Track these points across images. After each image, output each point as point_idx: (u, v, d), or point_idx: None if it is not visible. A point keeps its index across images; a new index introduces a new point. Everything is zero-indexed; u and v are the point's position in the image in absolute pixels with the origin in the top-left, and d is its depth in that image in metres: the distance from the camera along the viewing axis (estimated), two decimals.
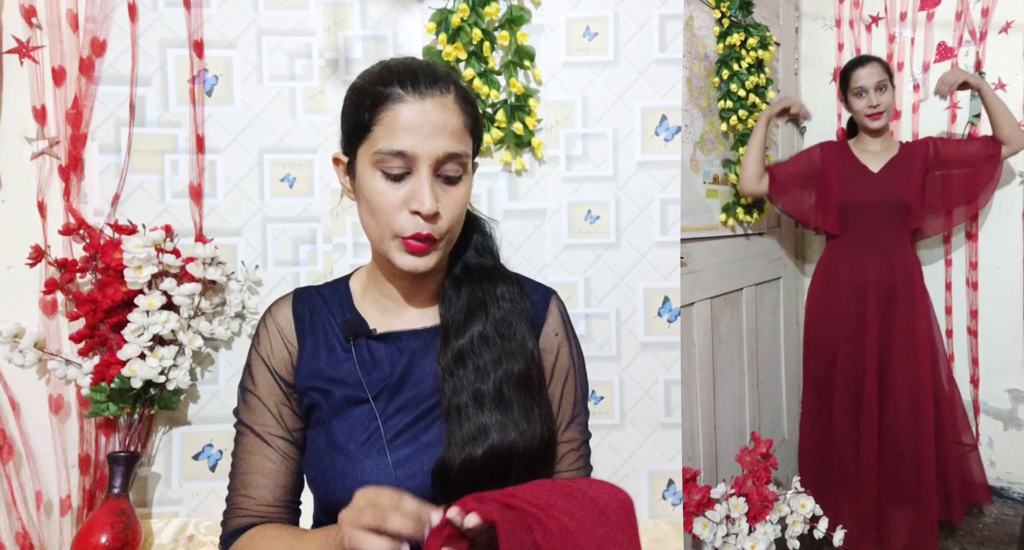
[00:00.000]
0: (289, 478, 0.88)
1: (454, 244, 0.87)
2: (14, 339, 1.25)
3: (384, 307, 0.91)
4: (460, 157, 0.80)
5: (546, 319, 0.94)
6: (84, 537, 1.19)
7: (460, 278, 0.91)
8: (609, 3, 1.42)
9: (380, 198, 0.80)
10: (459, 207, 0.82)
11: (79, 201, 1.33)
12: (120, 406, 1.26)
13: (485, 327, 0.86)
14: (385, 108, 0.79)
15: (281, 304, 0.93)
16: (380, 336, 0.89)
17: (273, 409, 0.88)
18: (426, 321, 0.91)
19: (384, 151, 0.78)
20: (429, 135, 0.78)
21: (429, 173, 0.79)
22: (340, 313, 0.91)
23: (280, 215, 1.39)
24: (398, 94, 0.79)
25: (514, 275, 0.95)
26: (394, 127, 0.78)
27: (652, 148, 1.43)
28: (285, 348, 0.90)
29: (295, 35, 1.39)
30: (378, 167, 0.79)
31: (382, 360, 0.87)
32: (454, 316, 0.88)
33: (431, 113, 0.78)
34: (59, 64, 1.32)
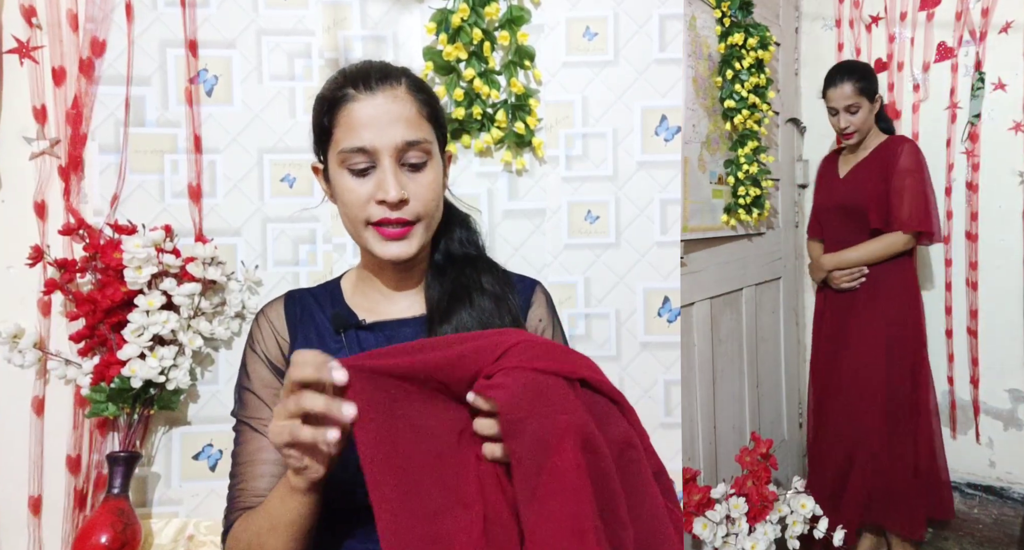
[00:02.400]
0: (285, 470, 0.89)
1: (434, 231, 0.90)
2: (14, 339, 1.25)
3: (373, 300, 0.94)
4: (420, 144, 0.84)
5: (531, 305, 0.97)
6: (84, 537, 1.18)
7: (442, 266, 0.94)
8: (609, 3, 1.42)
9: (349, 195, 0.83)
10: (429, 191, 0.85)
11: (79, 201, 1.33)
12: (120, 406, 1.26)
13: (470, 313, 0.89)
14: (341, 109, 0.83)
15: (273, 304, 0.96)
16: (368, 326, 0.91)
17: (269, 401, 0.90)
18: (413, 310, 0.93)
19: (346, 149, 0.82)
20: (385, 127, 0.82)
21: (392, 163, 0.82)
22: (330, 308, 0.94)
23: (280, 215, 1.39)
24: (351, 94, 0.83)
25: (498, 266, 0.98)
26: (351, 125, 0.82)
27: (652, 148, 1.43)
28: (277, 343, 0.92)
29: (295, 35, 1.39)
30: (344, 166, 0.83)
31: (371, 348, 0.89)
32: (438, 303, 0.91)
33: (383, 106, 0.82)
34: (59, 64, 1.32)
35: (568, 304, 1.42)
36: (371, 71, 0.85)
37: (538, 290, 0.99)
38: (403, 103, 0.83)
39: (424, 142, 0.84)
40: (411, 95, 0.85)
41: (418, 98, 0.85)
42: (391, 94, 0.83)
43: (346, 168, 0.83)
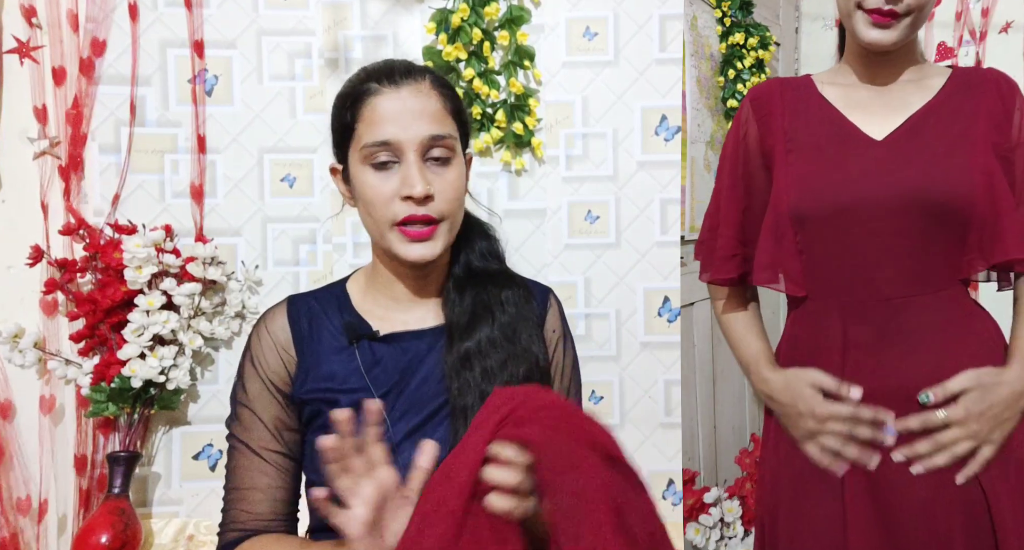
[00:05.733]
0: (286, 492, 0.86)
1: (455, 235, 0.87)
2: (14, 339, 1.25)
3: (386, 308, 0.90)
4: (445, 138, 0.82)
5: (546, 316, 0.94)
6: (84, 537, 1.18)
7: (463, 279, 0.90)
8: (609, 3, 1.42)
9: (372, 191, 0.81)
10: (453, 189, 0.83)
11: (79, 201, 1.33)
12: (120, 406, 1.26)
13: (493, 331, 0.86)
14: (364, 103, 0.81)
15: (275, 313, 0.90)
16: (383, 338, 0.87)
17: (269, 423, 0.85)
18: (428, 321, 0.89)
19: (370, 144, 0.80)
20: (410, 121, 0.80)
21: (417, 158, 0.80)
22: (339, 316, 0.89)
23: (280, 215, 1.39)
24: (375, 88, 0.81)
25: (519, 278, 0.95)
26: (374, 119, 0.80)
27: (652, 148, 1.43)
28: (281, 359, 0.86)
29: (295, 35, 1.39)
30: (367, 162, 0.81)
31: (385, 361, 0.86)
32: (459, 317, 0.87)
33: (408, 100, 0.81)
34: (59, 64, 1.32)
35: (568, 304, 1.41)
36: (394, 66, 0.84)
37: (551, 298, 0.96)
38: (428, 98, 0.82)
39: (449, 137, 0.82)
40: (436, 90, 0.83)
41: (443, 93, 0.84)
42: (416, 88, 0.82)
43: (369, 164, 0.81)
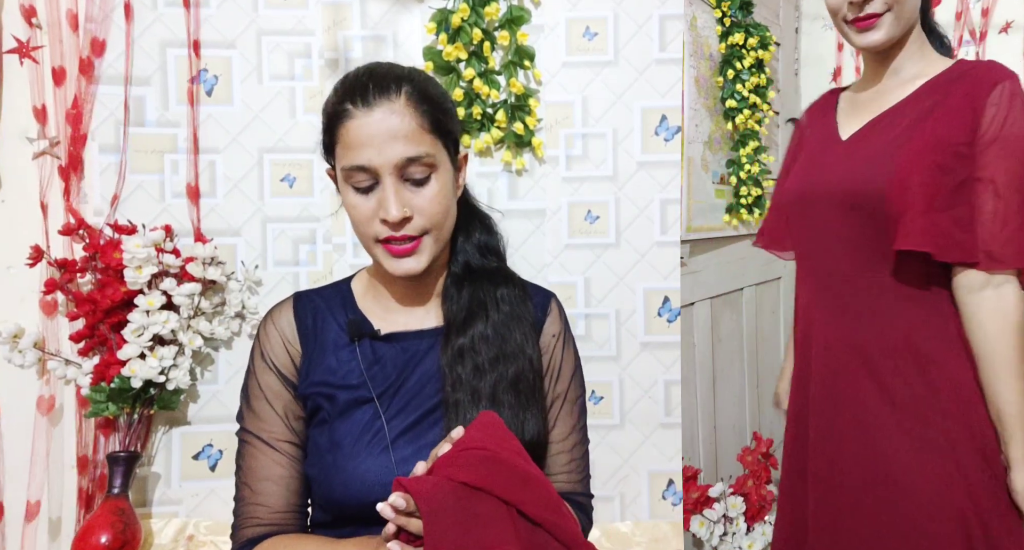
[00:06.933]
0: (299, 482, 0.88)
1: (447, 239, 0.88)
2: (14, 339, 1.25)
3: (387, 307, 0.92)
4: (421, 159, 0.81)
5: (545, 321, 0.94)
6: (84, 537, 1.18)
7: (462, 277, 0.92)
8: (609, 3, 1.42)
9: (355, 211, 0.83)
10: (434, 205, 0.82)
11: (79, 201, 1.33)
12: (120, 406, 1.26)
13: (486, 328, 0.87)
14: (339, 126, 0.81)
15: (282, 308, 0.92)
16: (384, 337, 0.89)
17: (281, 413, 0.87)
18: (429, 321, 0.91)
19: (347, 167, 0.81)
20: (383, 144, 0.79)
21: (393, 181, 0.80)
22: (343, 314, 0.91)
23: (280, 215, 1.39)
24: (347, 110, 0.80)
25: (517, 278, 0.95)
26: (349, 144, 0.80)
27: (652, 148, 1.43)
28: (288, 353, 0.89)
29: (295, 35, 1.39)
30: (348, 182, 0.82)
31: (385, 360, 0.87)
32: (456, 314, 0.89)
33: (381, 123, 0.79)
34: (59, 64, 1.32)
35: (568, 304, 1.41)
36: (369, 82, 0.81)
37: (553, 303, 0.97)
38: (401, 117, 0.80)
39: (426, 157, 0.81)
40: (411, 107, 0.81)
41: (419, 110, 0.81)
42: (388, 109, 0.79)
43: (350, 185, 0.82)
